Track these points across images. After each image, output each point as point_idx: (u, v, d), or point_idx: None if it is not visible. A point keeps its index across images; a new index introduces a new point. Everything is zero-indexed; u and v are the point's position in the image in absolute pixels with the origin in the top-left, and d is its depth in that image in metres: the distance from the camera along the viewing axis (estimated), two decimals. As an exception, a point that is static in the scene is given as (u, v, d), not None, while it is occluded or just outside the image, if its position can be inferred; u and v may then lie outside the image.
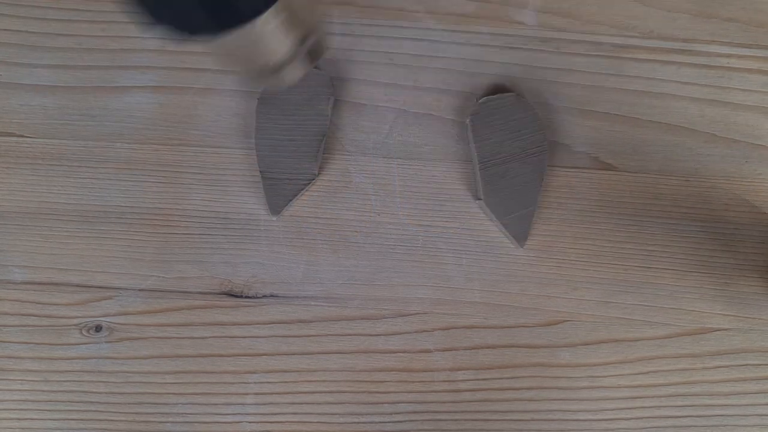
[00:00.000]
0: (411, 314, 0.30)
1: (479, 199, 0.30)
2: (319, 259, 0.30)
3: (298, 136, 0.30)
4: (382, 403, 0.29)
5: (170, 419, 0.28)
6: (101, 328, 0.29)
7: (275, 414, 0.28)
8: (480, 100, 0.31)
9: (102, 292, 0.29)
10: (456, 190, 0.31)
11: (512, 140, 0.30)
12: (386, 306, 0.30)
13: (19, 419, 0.28)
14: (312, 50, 0.25)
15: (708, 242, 0.31)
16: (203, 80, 0.31)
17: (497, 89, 0.32)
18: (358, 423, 0.28)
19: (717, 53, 0.33)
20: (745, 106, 0.32)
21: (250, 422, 0.28)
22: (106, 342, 0.29)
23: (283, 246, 0.30)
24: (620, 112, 0.32)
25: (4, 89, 0.31)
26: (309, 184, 0.30)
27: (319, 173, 0.30)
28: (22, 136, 0.31)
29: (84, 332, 0.29)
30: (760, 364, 0.29)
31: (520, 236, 0.30)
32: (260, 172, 0.30)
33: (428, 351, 0.29)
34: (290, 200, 0.30)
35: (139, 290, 0.29)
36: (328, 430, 0.28)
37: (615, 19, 0.33)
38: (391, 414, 0.29)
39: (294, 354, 0.29)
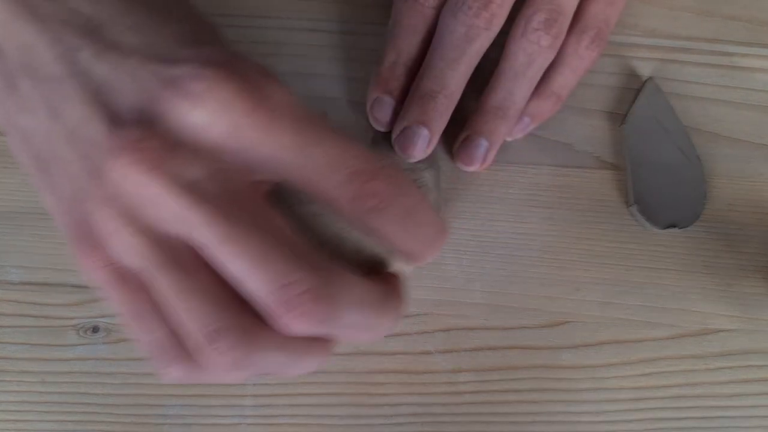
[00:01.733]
0: (411, 315, 0.29)
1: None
2: (319, 260, 0.30)
3: None
4: (383, 405, 0.28)
5: (168, 421, 0.28)
6: (98, 329, 0.29)
7: (274, 416, 0.28)
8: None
9: (100, 293, 0.29)
10: (456, 189, 0.31)
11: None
12: (386, 307, 0.29)
13: (15, 421, 0.28)
14: None
15: (711, 242, 0.30)
16: (202, 79, 0.31)
17: None
18: (358, 425, 0.28)
19: (720, 52, 0.32)
20: (749, 105, 0.32)
21: (248, 424, 0.28)
22: (104, 343, 0.29)
23: (283, 246, 0.30)
24: (622, 111, 0.32)
25: (2, 89, 0.31)
26: None
27: None
28: (20, 135, 0.31)
29: (81, 333, 0.29)
30: (763, 365, 0.29)
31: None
32: None
33: (429, 353, 0.29)
34: None
35: (137, 291, 0.29)
36: (327, 432, 0.28)
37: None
38: (391, 416, 0.28)
39: (293, 355, 0.29)
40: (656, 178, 0.30)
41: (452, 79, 0.28)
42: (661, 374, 0.29)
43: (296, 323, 0.18)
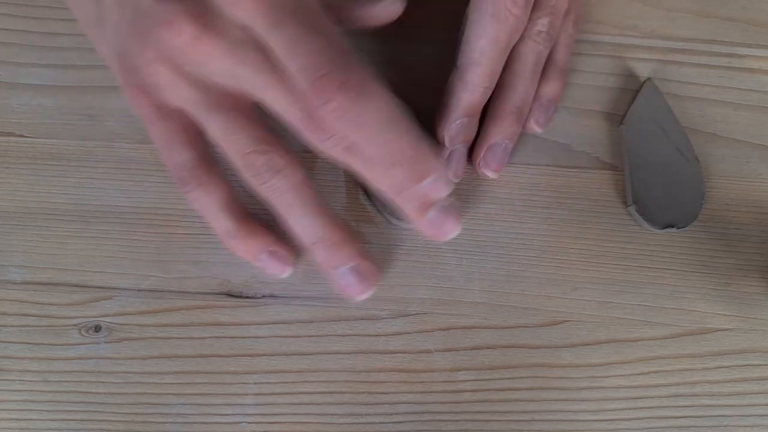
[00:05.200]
0: (411, 314, 0.30)
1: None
2: (319, 259, 0.30)
3: None
4: (382, 403, 0.29)
5: (169, 419, 0.28)
6: (100, 328, 0.29)
7: (275, 414, 0.28)
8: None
9: (101, 292, 0.29)
10: (455, 189, 0.31)
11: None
12: (386, 306, 0.30)
13: (18, 419, 0.28)
14: None
15: (709, 242, 0.31)
16: (203, 80, 0.31)
17: None
18: (358, 423, 0.28)
19: (718, 53, 0.33)
20: (747, 106, 0.32)
21: (249, 422, 0.28)
22: (106, 342, 0.29)
23: (283, 246, 0.30)
24: (620, 112, 0.32)
25: (4, 89, 0.31)
26: None
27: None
28: (22, 136, 0.31)
29: (83, 332, 0.29)
30: (761, 364, 0.29)
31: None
32: None
33: (428, 351, 0.29)
34: None
35: (139, 290, 0.29)
36: (327, 431, 0.28)
37: (615, 18, 0.33)
38: (391, 414, 0.28)
39: (294, 354, 0.29)
40: (654, 179, 0.30)
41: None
42: (659, 373, 0.29)
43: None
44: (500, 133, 0.29)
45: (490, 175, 0.30)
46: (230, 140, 0.25)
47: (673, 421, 0.29)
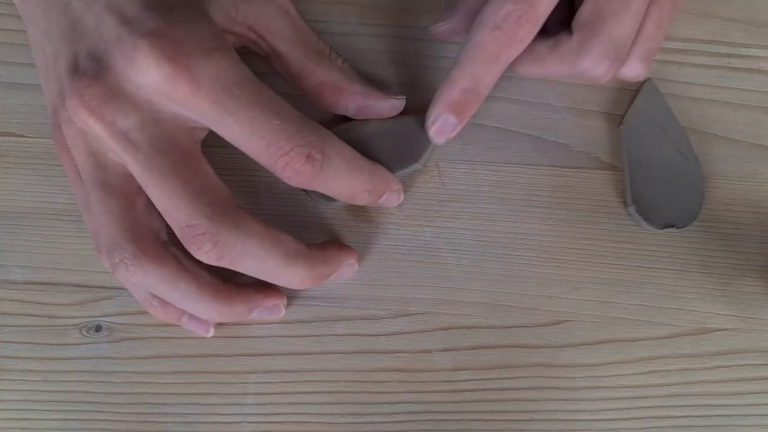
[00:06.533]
0: (411, 314, 0.30)
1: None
2: (319, 259, 0.30)
3: None
4: (382, 403, 0.29)
5: (170, 419, 0.28)
6: (101, 328, 0.29)
7: (275, 414, 0.28)
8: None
9: (102, 292, 0.29)
10: (455, 189, 0.31)
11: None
12: (386, 306, 0.30)
13: (18, 419, 0.28)
14: None
15: (709, 242, 0.31)
16: (203, 80, 0.31)
17: None
18: (358, 423, 0.28)
19: (717, 53, 0.33)
20: (746, 106, 0.32)
21: (249, 422, 0.28)
22: (106, 342, 0.29)
23: (283, 246, 0.30)
24: (620, 112, 0.32)
25: (4, 89, 0.31)
26: None
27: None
28: (22, 136, 0.31)
29: (84, 332, 0.29)
30: (760, 364, 0.29)
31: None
32: None
33: (428, 351, 0.29)
34: None
35: (139, 290, 0.29)
36: (327, 430, 0.28)
37: (615, 18, 0.33)
38: (391, 414, 0.29)
39: (294, 354, 0.29)
40: (654, 179, 0.30)
41: None
42: (659, 373, 0.29)
43: (200, 256, 0.24)
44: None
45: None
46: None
47: (673, 420, 0.29)
